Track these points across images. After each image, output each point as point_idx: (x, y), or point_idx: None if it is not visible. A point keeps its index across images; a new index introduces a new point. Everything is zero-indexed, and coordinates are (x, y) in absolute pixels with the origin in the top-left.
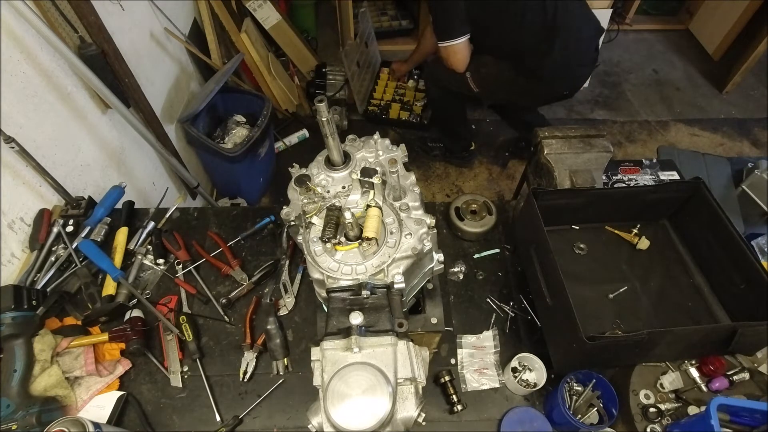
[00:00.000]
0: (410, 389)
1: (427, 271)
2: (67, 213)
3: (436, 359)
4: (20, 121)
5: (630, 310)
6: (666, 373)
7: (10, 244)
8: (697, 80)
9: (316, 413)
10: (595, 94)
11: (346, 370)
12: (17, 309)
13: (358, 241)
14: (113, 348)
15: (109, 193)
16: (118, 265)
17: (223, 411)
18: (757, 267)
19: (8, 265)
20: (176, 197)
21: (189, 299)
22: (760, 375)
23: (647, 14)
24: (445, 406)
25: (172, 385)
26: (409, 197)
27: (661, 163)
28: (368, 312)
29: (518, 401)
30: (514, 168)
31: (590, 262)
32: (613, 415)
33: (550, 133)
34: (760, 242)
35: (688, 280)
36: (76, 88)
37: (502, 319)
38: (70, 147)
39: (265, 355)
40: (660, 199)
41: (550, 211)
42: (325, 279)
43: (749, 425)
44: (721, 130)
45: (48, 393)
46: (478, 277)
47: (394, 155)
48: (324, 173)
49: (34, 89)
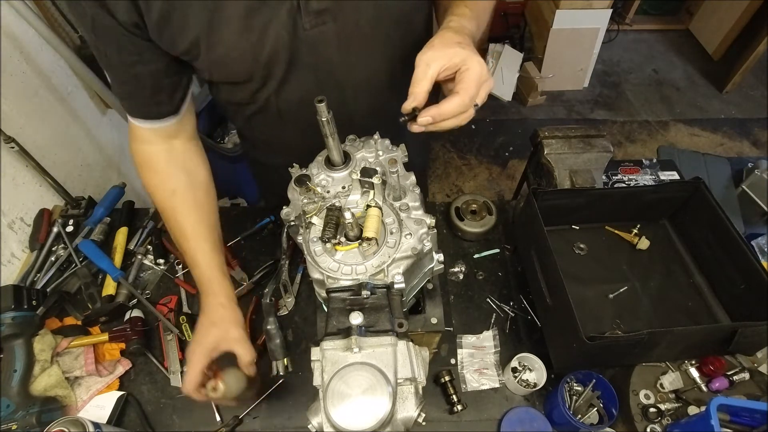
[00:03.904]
0: (410, 389)
1: (427, 271)
2: (67, 213)
3: (436, 359)
4: (20, 122)
5: (630, 310)
6: (666, 373)
7: (10, 244)
8: (697, 80)
9: (316, 413)
10: (595, 94)
11: (346, 370)
12: (17, 309)
13: (358, 241)
14: (113, 348)
15: (109, 193)
16: (118, 265)
17: (223, 411)
18: (757, 267)
19: (8, 265)
20: None
21: (189, 299)
22: (760, 375)
23: (647, 14)
24: (445, 406)
25: (172, 385)
26: (409, 197)
27: (661, 163)
28: (368, 312)
29: (518, 401)
30: (514, 168)
31: (590, 262)
32: (613, 415)
33: (550, 133)
34: (760, 242)
35: (688, 280)
36: (76, 89)
37: (502, 319)
38: (70, 147)
39: (265, 355)
40: (660, 199)
41: (550, 211)
42: (325, 279)
43: (749, 425)
44: (721, 130)
45: (48, 393)
46: (478, 277)
47: (394, 155)
48: (324, 173)
49: (34, 89)
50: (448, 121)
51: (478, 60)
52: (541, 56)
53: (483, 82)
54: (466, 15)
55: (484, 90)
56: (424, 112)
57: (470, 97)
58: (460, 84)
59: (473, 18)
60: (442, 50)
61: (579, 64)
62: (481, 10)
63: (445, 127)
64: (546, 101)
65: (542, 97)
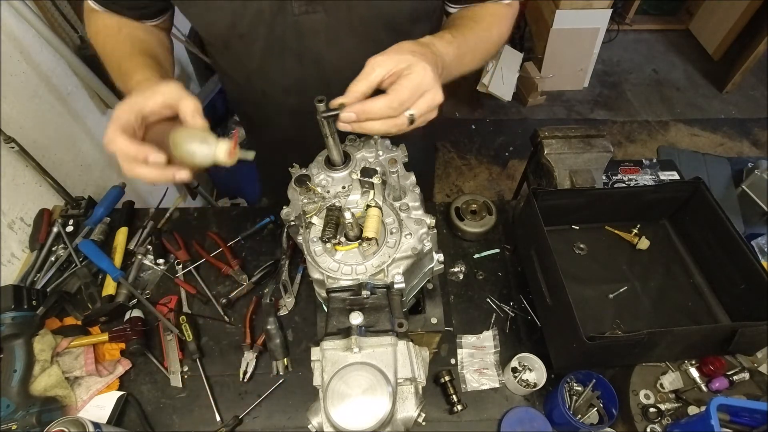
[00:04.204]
0: (410, 389)
1: (427, 271)
2: (67, 213)
3: (436, 359)
4: (20, 122)
5: (630, 310)
6: (666, 373)
7: (10, 244)
8: (697, 80)
9: (316, 413)
10: (595, 94)
11: (346, 370)
12: (17, 309)
13: (358, 241)
14: (113, 348)
15: (109, 193)
16: (118, 265)
17: (223, 411)
18: (757, 267)
19: (8, 265)
20: (176, 197)
21: (189, 299)
22: (760, 375)
23: (647, 14)
24: (445, 406)
25: (172, 385)
26: (409, 197)
27: (661, 163)
28: (368, 312)
29: (518, 401)
30: (514, 168)
31: (590, 262)
32: (613, 415)
33: (550, 133)
34: (760, 242)
35: (688, 280)
36: (76, 88)
37: (502, 319)
38: (70, 147)
39: (265, 355)
40: (660, 199)
41: (550, 211)
42: (325, 279)
43: (749, 425)
44: (721, 130)
45: (48, 393)
46: (478, 277)
47: (394, 155)
48: (324, 173)
49: (34, 89)
50: (375, 123)
51: (424, 68)
52: (541, 56)
53: (423, 92)
54: (444, 38)
55: (425, 101)
56: (348, 108)
57: (399, 101)
58: (393, 86)
59: (452, 43)
60: (392, 55)
61: (579, 64)
62: (471, 42)
63: (373, 130)
64: (546, 101)
65: (542, 97)
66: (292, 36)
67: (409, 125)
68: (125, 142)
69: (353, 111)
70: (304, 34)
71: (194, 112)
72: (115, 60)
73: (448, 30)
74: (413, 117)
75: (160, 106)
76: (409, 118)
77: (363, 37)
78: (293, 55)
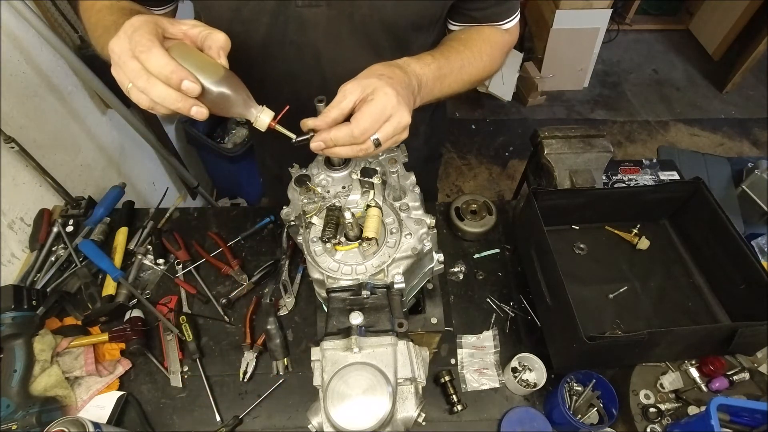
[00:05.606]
0: (410, 389)
1: (427, 271)
2: (67, 213)
3: (436, 359)
4: (20, 122)
5: (630, 310)
6: (666, 373)
7: (10, 244)
8: (697, 80)
9: (316, 413)
10: (595, 94)
11: (346, 370)
12: (17, 309)
13: (358, 241)
14: (113, 348)
15: (109, 193)
16: (118, 265)
17: (223, 411)
18: (757, 267)
19: (8, 265)
20: (176, 197)
21: (189, 299)
22: (760, 375)
23: (647, 14)
24: (445, 406)
25: (172, 385)
26: (409, 197)
27: (661, 163)
28: (368, 312)
29: (518, 401)
30: (514, 168)
31: (590, 262)
32: (613, 415)
33: (550, 133)
34: (760, 242)
35: (688, 280)
36: (76, 88)
37: (502, 319)
38: (70, 147)
39: (265, 355)
40: (660, 199)
41: (550, 211)
42: (325, 279)
43: (749, 425)
44: (721, 130)
45: (48, 393)
46: (478, 277)
47: (394, 155)
48: (324, 173)
49: (34, 89)
50: (341, 149)
51: (386, 93)
52: (541, 56)
53: (388, 116)
54: (422, 59)
55: (390, 125)
56: (316, 137)
57: (361, 130)
58: (356, 114)
59: (430, 65)
60: (361, 81)
61: (579, 64)
62: (455, 64)
63: (340, 154)
64: (546, 101)
65: (542, 97)
66: (294, 27)
67: (375, 149)
68: (164, 57)
69: (321, 140)
70: (305, 25)
71: (220, 49)
72: (102, 18)
73: (430, 51)
74: (378, 141)
75: (181, 34)
76: (374, 142)
77: (363, 38)
78: (294, 46)
